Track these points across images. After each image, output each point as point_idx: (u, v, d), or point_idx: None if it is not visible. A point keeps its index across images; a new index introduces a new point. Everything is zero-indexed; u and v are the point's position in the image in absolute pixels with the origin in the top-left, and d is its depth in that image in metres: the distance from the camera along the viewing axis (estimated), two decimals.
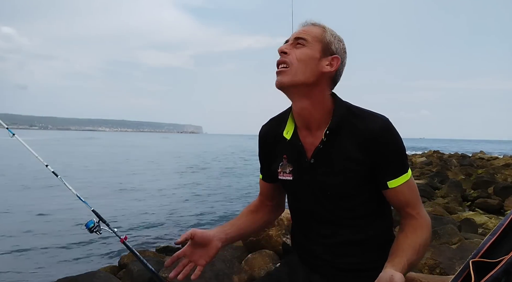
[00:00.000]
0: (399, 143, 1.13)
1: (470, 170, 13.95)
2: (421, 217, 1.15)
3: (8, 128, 2.66)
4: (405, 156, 1.15)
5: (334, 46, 1.14)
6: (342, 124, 1.12)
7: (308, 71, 1.11)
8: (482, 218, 6.58)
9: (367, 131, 1.10)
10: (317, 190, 1.16)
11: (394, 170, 1.12)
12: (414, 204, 1.15)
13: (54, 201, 9.31)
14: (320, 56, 1.12)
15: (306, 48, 1.12)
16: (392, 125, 1.13)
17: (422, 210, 1.16)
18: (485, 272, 1.03)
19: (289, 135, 1.20)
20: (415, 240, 1.10)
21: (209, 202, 10.92)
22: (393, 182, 1.12)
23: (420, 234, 1.12)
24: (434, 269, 3.42)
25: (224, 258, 3.53)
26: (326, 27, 1.16)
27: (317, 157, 1.15)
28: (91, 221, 2.36)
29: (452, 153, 28.04)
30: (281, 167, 1.23)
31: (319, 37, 1.13)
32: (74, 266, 5.24)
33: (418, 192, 1.18)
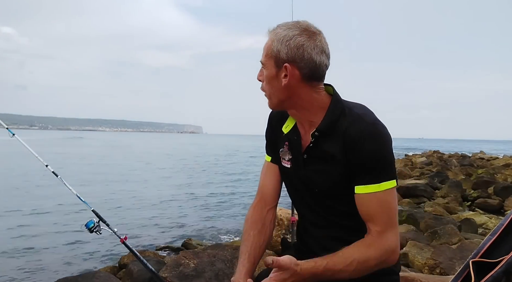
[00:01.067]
0: (379, 150, 1.06)
1: (470, 170, 13.95)
2: (380, 237, 1.06)
3: (8, 128, 2.67)
4: (384, 166, 1.07)
5: (282, 53, 1.08)
6: (331, 126, 1.11)
7: (276, 91, 1.13)
8: (482, 218, 6.58)
9: (348, 132, 1.08)
10: (308, 185, 1.18)
11: (366, 176, 1.07)
12: (378, 221, 1.07)
13: (54, 201, 9.31)
14: (276, 72, 1.11)
15: (266, 70, 1.14)
16: (377, 132, 1.07)
17: (388, 231, 1.06)
18: (485, 272, 1.03)
19: (287, 130, 1.23)
20: (353, 253, 1.05)
21: (208, 201, 10.92)
22: (361, 188, 1.08)
23: (363, 250, 1.05)
24: (434, 269, 3.42)
25: (224, 258, 3.52)
26: (275, 34, 1.10)
27: (308, 153, 1.16)
28: (91, 221, 2.37)
29: (452, 153, 28.03)
30: (282, 153, 1.25)
31: (269, 52, 1.11)
32: (74, 266, 5.24)
33: (392, 212, 1.08)
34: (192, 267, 3.30)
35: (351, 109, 1.12)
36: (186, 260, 3.38)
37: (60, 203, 8.92)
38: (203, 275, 3.22)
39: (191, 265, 3.32)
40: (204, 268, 3.29)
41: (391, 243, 1.07)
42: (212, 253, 3.60)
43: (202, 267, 3.30)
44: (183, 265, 3.32)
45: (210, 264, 3.34)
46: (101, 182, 13.97)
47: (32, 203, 9.48)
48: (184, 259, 3.41)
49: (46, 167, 2.63)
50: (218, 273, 3.26)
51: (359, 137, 1.06)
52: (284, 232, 4.32)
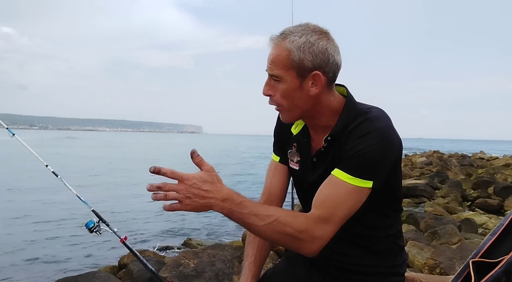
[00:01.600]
0: (373, 148, 1.00)
1: (470, 170, 13.96)
2: (312, 219, 1.00)
3: (8, 128, 2.66)
4: (369, 164, 1.00)
5: (307, 61, 1.02)
6: (343, 130, 1.07)
7: (300, 102, 1.06)
8: (482, 218, 6.58)
9: (352, 133, 1.04)
10: (314, 188, 1.15)
11: (346, 163, 1.01)
12: (323, 208, 1.01)
13: (53, 201, 9.31)
14: (299, 83, 1.04)
15: (282, 83, 1.04)
16: (382, 135, 1.02)
17: (322, 221, 1.00)
18: (485, 272, 1.03)
19: (296, 131, 1.20)
20: (277, 212, 0.99)
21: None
22: (336, 171, 1.02)
23: (289, 215, 1.00)
24: (434, 269, 3.42)
25: (224, 258, 3.53)
26: (290, 43, 1.02)
27: (318, 157, 1.14)
28: (91, 221, 2.36)
29: (452, 153, 28.04)
30: (290, 154, 1.23)
31: (287, 63, 1.02)
32: (74, 266, 5.24)
33: (342, 211, 1.01)
34: (192, 267, 3.30)
35: (366, 113, 1.07)
36: (186, 260, 3.38)
37: (60, 203, 8.92)
38: (203, 275, 3.22)
39: (191, 265, 3.32)
40: (204, 268, 3.29)
41: (319, 232, 1.00)
42: (212, 253, 3.60)
43: (202, 267, 3.30)
44: (183, 265, 3.32)
45: (210, 264, 3.34)
46: (96, 181, 13.96)
47: (32, 203, 9.48)
48: (184, 259, 3.41)
49: (46, 167, 2.63)
50: (218, 273, 3.26)
51: (361, 136, 1.02)
52: None
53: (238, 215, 0.96)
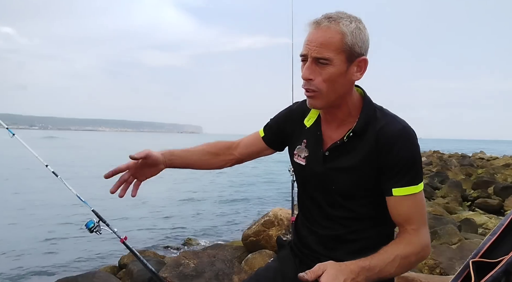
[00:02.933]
0: (413, 152, 1.07)
1: (470, 170, 13.96)
2: (417, 235, 1.08)
3: (8, 128, 2.67)
4: (418, 167, 1.09)
5: (357, 47, 1.04)
6: (365, 127, 1.10)
7: (339, 87, 1.07)
8: (482, 218, 6.58)
9: (381, 133, 1.08)
10: (324, 182, 1.16)
11: (402, 178, 1.07)
12: (414, 220, 1.09)
13: (53, 201, 9.30)
14: (347, 67, 1.05)
15: (330, 67, 1.04)
16: (410, 133, 1.08)
17: (422, 229, 1.09)
18: (485, 272, 1.03)
19: (309, 123, 1.22)
20: (395, 250, 1.05)
21: (208, 202, 10.92)
22: (398, 190, 1.07)
23: (403, 247, 1.06)
24: (434, 269, 3.42)
25: (224, 258, 3.52)
26: (344, 26, 1.03)
27: (332, 151, 1.14)
28: (91, 221, 2.37)
29: (452, 153, 28.04)
30: (298, 150, 1.23)
31: (340, 46, 1.03)
32: (74, 266, 5.24)
33: (424, 210, 1.11)
34: (192, 267, 3.30)
35: (382, 110, 1.13)
36: (186, 260, 3.38)
37: (59, 203, 8.92)
38: (203, 275, 3.22)
39: (191, 265, 3.32)
40: (204, 268, 3.28)
41: (426, 239, 1.10)
42: (212, 253, 3.60)
43: (202, 267, 3.30)
44: (183, 265, 3.32)
45: (210, 264, 3.34)
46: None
47: (32, 203, 9.48)
48: (184, 259, 3.41)
49: (46, 167, 2.63)
50: (218, 273, 3.25)
51: (396, 139, 1.06)
52: (284, 232, 4.32)
53: (374, 277, 1.03)
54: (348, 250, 1.15)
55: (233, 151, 1.40)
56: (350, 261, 1.02)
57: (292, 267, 1.26)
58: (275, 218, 4.40)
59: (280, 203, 10.12)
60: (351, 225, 1.16)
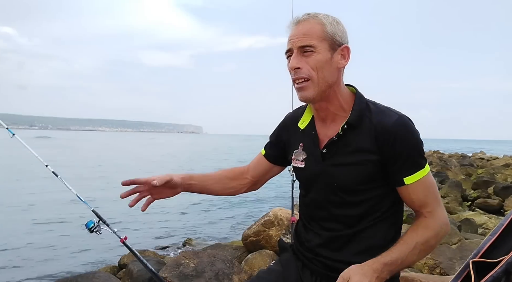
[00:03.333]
0: (415, 139, 1.10)
1: (470, 170, 13.95)
2: (432, 216, 1.11)
3: (8, 128, 2.67)
4: (421, 151, 1.12)
5: (337, 36, 1.11)
6: (359, 119, 1.12)
7: (327, 75, 1.10)
8: (482, 218, 6.58)
9: (380, 125, 1.09)
10: (325, 180, 1.16)
11: (410, 166, 1.09)
12: (428, 203, 1.11)
13: (53, 201, 9.31)
14: (331, 54, 1.10)
15: (316, 54, 1.09)
16: (407, 121, 1.11)
17: (437, 209, 1.12)
18: (485, 272, 1.03)
19: (303, 125, 1.24)
20: (414, 237, 1.08)
21: (208, 202, 10.92)
22: (410, 178, 1.09)
23: (421, 232, 1.09)
24: (434, 269, 3.42)
25: (224, 258, 3.52)
26: (322, 18, 1.11)
27: (330, 147, 1.15)
28: (91, 221, 2.37)
29: (452, 153, 28.04)
30: (295, 154, 1.25)
31: (322, 35, 1.09)
32: (74, 266, 5.24)
33: (436, 189, 1.14)
34: (192, 267, 3.30)
35: (374, 103, 1.16)
36: (186, 260, 3.38)
37: (59, 203, 8.92)
38: (203, 275, 3.22)
39: (191, 265, 3.32)
40: (204, 268, 3.28)
41: (443, 218, 1.13)
42: (212, 253, 3.60)
43: (202, 267, 3.30)
44: (183, 265, 3.32)
45: (210, 264, 3.34)
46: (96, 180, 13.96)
47: (32, 203, 9.48)
48: (184, 259, 3.41)
49: (46, 167, 2.63)
50: (218, 273, 3.25)
51: (396, 130, 1.08)
52: (284, 232, 4.32)
53: (398, 269, 1.07)
54: (354, 251, 1.15)
55: (246, 175, 1.42)
56: (372, 260, 1.04)
57: (294, 271, 1.25)
58: (275, 218, 4.40)
59: (280, 202, 10.12)
60: (356, 224, 1.15)
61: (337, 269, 1.13)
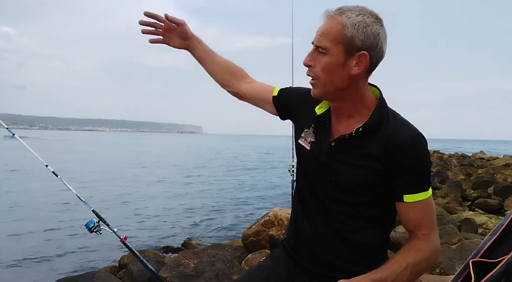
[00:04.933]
0: (424, 159, 1.08)
1: (470, 170, 13.96)
2: (427, 240, 1.09)
3: (8, 128, 2.67)
4: (428, 173, 1.09)
5: (358, 40, 1.03)
6: (377, 126, 1.09)
7: (336, 79, 1.07)
8: (482, 218, 6.58)
9: (393, 137, 1.07)
10: (325, 172, 1.15)
11: (413, 185, 1.07)
12: (424, 225, 1.09)
13: (53, 201, 9.31)
14: (344, 60, 1.05)
15: (327, 56, 1.05)
16: (422, 139, 1.08)
17: (432, 234, 1.10)
18: (485, 272, 1.03)
19: (320, 111, 1.20)
20: (405, 258, 1.06)
21: (208, 202, 10.92)
22: (410, 197, 1.07)
23: (414, 254, 1.07)
24: (434, 269, 3.42)
25: (224, 258, 3.52)
26: (346, 18, 1.04)
27: (339, 143, 1.13)
28: (91, 221, 2.37)
29: (452, 153, 28.02)
30: (305, 133, 1.22)
31: (339, 37, 1.04)
32: (74, 266, 5.24)
33: (434, 214, 1.12)
34: (192, 267, 3.30)
35: (394, 114, 1.13)
36: (186, 260, 3.38)
37: (59, 203, 8.92)
38: (203, 275, 3.22)
39: (191, 265, 3.32)
40: (204, 268, 3.28)
41: (436, 243, 1.10)
42: (212, 253, 3.60)
43: (202, 267, 3.30)
44: (183, 265, 3.32)
45: (210, 264, 3.34)
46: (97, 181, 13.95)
47: (31, 203, 9.48)
48: (184, 259, 3.41)
49: (46, 167, 2.63)
50: (218, 273, 3.26)
51: (409, 145, 1.06)
52: (284, 232, 4.32)
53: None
54: (344, 249, 1.15)
55: (242, 83, 1.41)
56: (361, 276, 1.03)
57: (285, 267, 1.24)
58: (275, 218, 4.40)
59: (280, 202, 10.12)
60: (349, 222, 1.14)
61: (326, 267, 1.15)
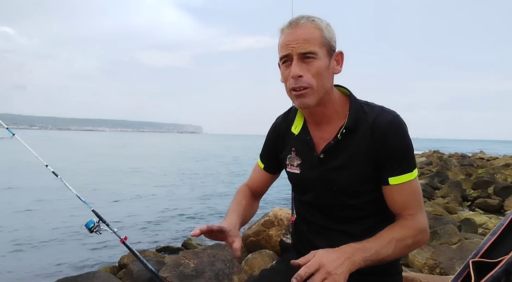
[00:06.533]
0: (405, 140, 1.09)
1: (470, 170, 13.95)
2: (413, 219, 1.09)
3: (8, 128, 2.67)
4: (411, 154, 1.11)
5: (333, 41, 1.09)
6: (356, 122, 1.11)
7: (326, 82, 1.10)
8: (482, 218, 6.58)
9: (376, 124, 1.09)
10: (324, 185, 1.15)
11: (397, 167, 1.09)
12: (410, 207, 1.10)
13: (53, 201, 9.30)
14: (329, 61, 1.08)
15: (316, 61, 1.06)
16: (400, 121, 1.10)
17: (418, 214, 1.10)
18: (485, 272, 1.03)
19: (297, 130, 1.21)
20: (390, 233, 1.06)
21: (208, 202, 10.92)
22: (395, 179, 1.09)
23: (398, 229, 1.07)
24: (434, 269, 3.42)
25: (224, 258, 3.52)
26: (319, 22, 1.08)
27: (327, 152, 1.14)
28: (91, 221, 2.37)
29: (452, 153, 28.03)
30: (289, 160, 1.23)
31: (321, 41, 1.06)
32: (74, 266, 5.24)
33: (420, 196, 1.13)
34: (192, 267, 3.30)
35: (368, 105, 1.15)
36: (186, 260, 3.38)
37: (59, 203, 8.92)
38: (203, 275, 3.22)
39: (191, 265, 3.32)
40: (204, 268, 3.28)
41: (422, 223, 1.10)
42: (212, 253, 3.60)
43: (202, 267, 3.30)
44: (183, 265, 3.32)
45: (210, 264, 3.34)
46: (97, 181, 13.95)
47: (31, 203, 9.47)
48: (184, 259, 3.41)
49: (46, 167, 2.63)
50: (218, 273, 3.26)
51: (389, 129, 1.08)
52: (284, 232, 4.32)
53: (372, 259, 1.02)
54: None
55: (255, 194, 1.41)
56: (346, 245, 1.01)
57: (296, 269, 1.25)
58: (275, 218, 4.40)
59: (280, 202, 10.12)
60: (357, 225, 1.15)
61: None
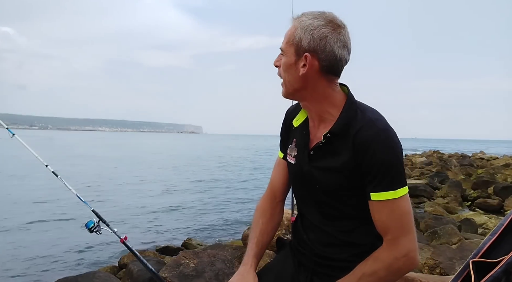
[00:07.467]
0: (389, 156, 1.04)
1: (470, 170, 13.95)
2: (389, 247, 1.06)
3: (8, 128, 2.66)
4: (397, 172, 1.05)
5: (304, 42, 1.07)
6: (344, 128, 1.09)
7: (292, 79, 1.12)
8: (482, 218, 6.58)
9: (358, 136, 1.06)
10: (310, 180, 1.18)
11: (380, 183, 1.05)
12: (390, 229, 1.06)
13: (53, 201, 9.31)
14: (295, 60, 1.10)
15: (284, 57, 1.12)
16: (388, 137, 1.06)
17: (400, 238, 1.05)
18: (485, 272, 1.03)
19: (297, 123, 1.24)
20: (362, 269, 1.08)
21: (208, 202, 10.92)
22: (376, 195, 1.06)
23: (370, 263, 1.07)
24: (434, 269, 3.42)
25: (224, 258, 3.52)
26: (298, 21, 1.10)
27: (316, 151, 1.16)
28: (91, 221, 2.36)
29: (452, 153, 28.02)
30: (289, 149, 1.26)
31: (291, 39, 1.10)
32: (74, 266, 5.24)
33: (405, 219, 1.06)
34: (192, 267, 3.30)
35: (363, 112, 1.10)
36: (186, 260, 3.38)
37: (59, 203, 8.92)
38: (203, 275, 3.22)
39: (191, 265, 3.32)
40: (204, 268, 3.28)
41: (401, 249, 1.05)
42: (212, 253, 3.60)
43: (202, 267, 3.30)
44: (183, 265, 3.32)
45: (210, 264, 3.34)
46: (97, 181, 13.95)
47: (31, 203, 9.48)
48: (184, 259, 3.41)
49: (46, 167, 2.63)
50: (218, 273, 3.26)
51: (370, 143, 1.04)
52: (284, 232, 4.32)
53: None
54: (341, 251, 1.17)
55: (276, 200, 1.38)
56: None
57: (291, 267, 1.27)
58: None
59: None
60: (341, 224, 1.17)
61: (326, 265, 1.17)
